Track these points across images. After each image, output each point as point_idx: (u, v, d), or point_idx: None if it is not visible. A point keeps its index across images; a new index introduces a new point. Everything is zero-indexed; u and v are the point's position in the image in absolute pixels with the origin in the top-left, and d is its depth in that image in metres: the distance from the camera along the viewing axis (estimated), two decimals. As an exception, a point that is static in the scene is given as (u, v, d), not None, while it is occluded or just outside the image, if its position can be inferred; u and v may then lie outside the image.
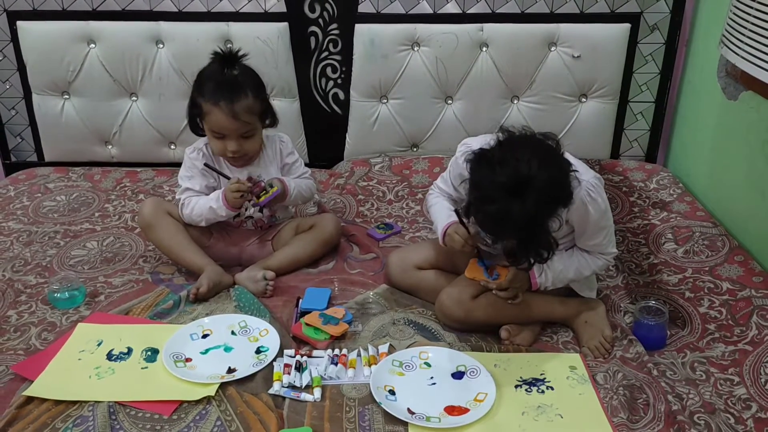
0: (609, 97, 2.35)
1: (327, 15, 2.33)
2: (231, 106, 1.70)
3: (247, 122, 1.74)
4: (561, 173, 1.41)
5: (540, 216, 1.36)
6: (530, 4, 2.28)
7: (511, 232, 1.40)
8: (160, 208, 1.84)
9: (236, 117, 1.71)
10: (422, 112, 2.39)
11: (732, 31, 1.70)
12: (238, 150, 1.76)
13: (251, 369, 1.45)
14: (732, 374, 1.45)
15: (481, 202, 1.39)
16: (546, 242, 1.43)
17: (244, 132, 1.75)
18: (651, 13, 2.27)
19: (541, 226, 1.39)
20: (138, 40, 2.33)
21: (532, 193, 1.31)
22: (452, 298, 1.60)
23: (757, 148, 1.84)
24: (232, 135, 1.74)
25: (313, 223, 1.91)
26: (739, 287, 1.68)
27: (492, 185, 1.35)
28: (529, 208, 1.32)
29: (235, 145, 1.75)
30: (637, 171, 2.30)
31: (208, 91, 1.73)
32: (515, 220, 1.33)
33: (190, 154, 1.86)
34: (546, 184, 1.33)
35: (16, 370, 1.46)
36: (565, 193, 1.41)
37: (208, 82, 1.75)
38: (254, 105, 1.75)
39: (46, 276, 1.84)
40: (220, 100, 1.71)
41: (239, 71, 1.77)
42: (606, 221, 1.56)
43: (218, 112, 1.71)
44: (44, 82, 2.40)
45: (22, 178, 2.42)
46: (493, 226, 1.42)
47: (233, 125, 1.72)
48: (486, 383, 1.41)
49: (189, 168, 1.86)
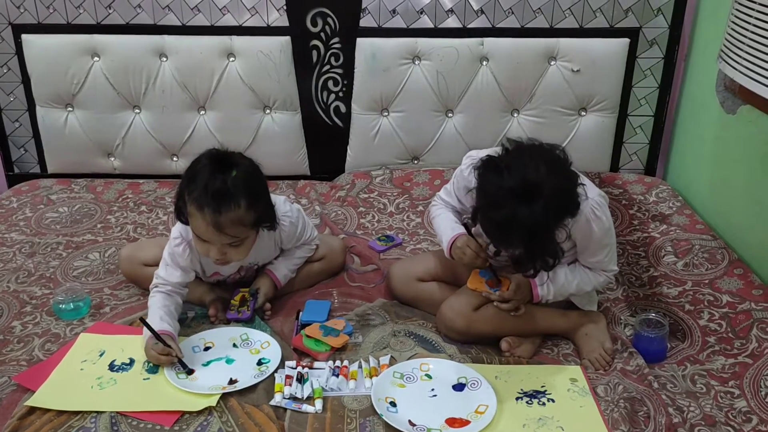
0: (608, 111, 2.37)
1: (329, 29, 2.35)
2: (216, 217, 1.47)
3: (233, 236, 1.52)
4: (569, 182, 1.41)
5: (548, 223, 1.35)
6: (530, 19, 2.31)
7: (518, 239, 1.37)
8: (134, 264, 1.79)
9: (220, 230, 1.48)
10: (423, 125, 2.41)
11: (730, 46, 1.72)
12: (222, 258, 1.56)
13: (253, 380, 1.46)
14: (732, 387, 1.46)
15: (489, 208, 1.38)
16: (552, 250, 1.42)
17: (231, 242, 1.54)
18: (650, 29, 2.30)
19: (549, 234, 1.38)
20: (141, 54, 2.36)
21: (540, 199, 1.30)
22: (454, 310, 1.61)
23: (755, 161, 1.85)
24: (215, 243, 1.53)
25: (324, 255, 1.86)
26: (739, 300, 1.69)
27: (500, 191, 1.34)
28: (538, 214, 1.30)
29: (218, 253, 1.54)
30: (636, 184, 2.32)
31: (195, 190, 1.49)
32: (523, 226, 1.32)
33: (175, 245, 1.63)
34: (554, 190, 1.32)
35: (18, 380, 1.46)
36: (573, 202, 1.41)
37: (198, 179, 1.50)
38: (245, 216, 1.51)
39: (51, 287, 1.85)
40: (205, 207, 1.47)
41: (236, 174, 1.51)
42: (609, 239, 1.56)
43: (201, 220, 1.49)
44: (48, 94, 2.42)
45: (25, 189, 2.43)
46: (499, 233, 1.40)
47: (216, 237, 1.51)
48: (487, 395, 1.42)
49: (170, 255, 1.64)
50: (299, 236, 1.76)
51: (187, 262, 1.64)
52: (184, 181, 1.54)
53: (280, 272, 1.76)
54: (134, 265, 1.80)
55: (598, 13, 2.28)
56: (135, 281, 1.84)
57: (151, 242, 1.95)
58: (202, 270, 1.72)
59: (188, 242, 1.63)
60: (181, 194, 1.55)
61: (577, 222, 1.47)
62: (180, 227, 1.64)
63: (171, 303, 1.61)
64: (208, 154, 1.56)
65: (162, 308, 1.58)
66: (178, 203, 1.57)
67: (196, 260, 1.67)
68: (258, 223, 1.58)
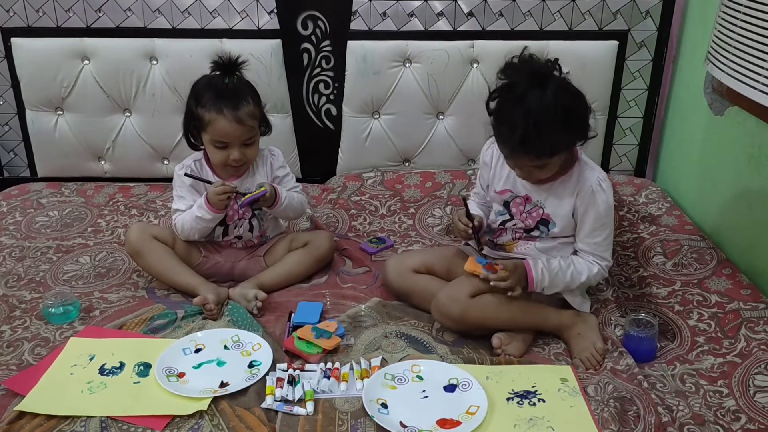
0: (598, 113, 2.38)
1: (319, 32, 2.36)
2: (235, 113, 1.72)
3: (252, 127, 1.75)
4: (581, 96, 1.53)
5: (555, 111, 1.44)
6: (520, 22, 2.32)
7: (526, 117, 1.45)
8: (145, 234, 1.83)
9: (241, 122, 1.72)
10: (414, 127, 2.42)
11: (717, 49, 1.73)
12: (241, 158, 1.77)
13: (244, 383, 1.46)
14: (721, 386, 1.47)
15: (504, 91, 1.51)
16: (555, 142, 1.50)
17: (247, 138, 1.76)
18: (638, 31, 2.31)
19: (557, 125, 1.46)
20: (132, 57, 2.35)
21: (552, 85, 1.45)
22: (449, 295, 1.62)
23: (743, 162, 1.87)
24: (235, 142, 1.75)
25: (308, 240, 1.92)
26: (728, 300, 1.70)
27: (517, 74, 1.49)
28: (548, 98, 1.44)
29: (238, 153, 1.76)
30: (626, 185, 2.33)
31: (209, 100, 1.73)
32: (533, 104, 1.44)
33: (178, 170, 1.85)
34: (565, 86, 1.49)
35: (7, 385, 1.46)
36: (582, 120, 1.52)
37: (207, 91, 1.75)
38: (255, 110, 1.77)
39: (41, 291, 1.84)
40: (224, 108, 1.71)
41: (237, 77, 1.78)
42: (609, 220, 1.63)
43: (223, 120, 1.72)
44: (38, 98, 2.42)
45: (14, 193, 2.42)
46: (509, 109, 1.50)
47: (238, 131, 1.73)
48: (478, 396, 1.42)
49: (178, 187, 1.85)
50: (287, 171, 1.94)
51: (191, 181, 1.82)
52: (191, 100, 1.77)
53: (279, 188, 1.84)
54: (145, 235, 1.83)
55: (587, 16, 2.30)
56: (139, 253, 1.82)
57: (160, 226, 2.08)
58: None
59: (188, 165, 1.84)
60: (191, 114, 1.77)
61: (582, 190, 1.60)
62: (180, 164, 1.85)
63: None
64: (207, 75, 1.79)
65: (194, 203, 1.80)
66: (188, 125, 1.80)
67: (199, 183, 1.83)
68: (262, 120, 1.82)
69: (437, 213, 2.26)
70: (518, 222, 1.71)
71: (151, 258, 1.81)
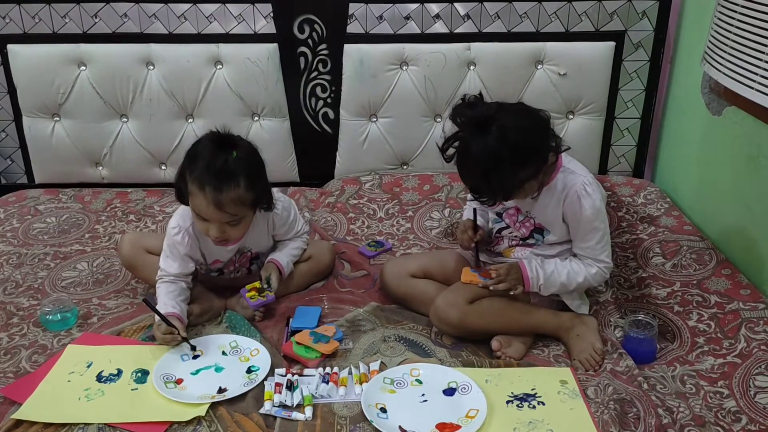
0: (596, 114, 2.38)
1: (316, 36, 2.35)
2: (217, 195, 1.52)
3: (233, 214, 1.57)
4: (533, 124, 1.51)
5: (500, 155, 1.43)
6: (516, 24, 2.32)
7: (472, 167, 1.49)
8: (137, 247, 1.78)
9: (221, 208, 1.54)
10: (411, 130, 2.41)
11: (714, 48, 1.73)
12: (221, 237, 1.61)
13: (242, 388, 1.45)
14: (721, 387, 1.46)
15: (452, 141, 1.52)
16: (508, 187, 1.50)
17: (229, 221, 1.59)
18: (635, 32, 2.31)
19: (504, 167, 1.45)
20: (128, 62, 2.35)
21: (494, 130, 1.44)
22: (448, 301, 1.62)
23: (741, 162, 1.86)
24: (214, 221, 1.58)
25: (311, 255, 1.88)
26: (727, 300, 1.70)
27: (462, 121, 1.51)
28: (490, 144, 1.43)
29: (217, 231, 1.59)
30: (624, 186, 2.33)
31: (197, 169, 1.55)
32: (475, 154, 1.46)
33: (173, 235, 1.68)
34: (511, 126, 1.45)
35: (4, 393, 1.45)
36: (539, 143, 1.50)
37: (201, 158, 1.56)
38: (245, 196, 1.56)
39: (39, 298, 1.84)
40: (206, 186, 1.53)
41: (236, 155, 1.56)
42: (600, 223, 1.60)
43: (201, 198, 1.54)
44: (35, 104, 2.41)
45: (12, 200, 2.42)
46: (459, 159, 1.52)
47: (216, 215, 1.56)
48: (477, 399, 1.41)
49: (169, 246, 1.69)
50: (291, 225, 1.81)
51: (187, 250, 1.68)
52: (185, 161, 1.60)
53: (282, 260, 1.78)
54: (137, 249, 1.78)
55: (583, 17, 2.30)
56: (134, 267, 1.81)
57: (154, 234, 2.00)
58: (203, 258, 1.74)
59: (186, 230, 1.68)
60: (182, 174, 1.60)
61: (567, 197, 1.58)
62: (177, 217, 1.69)
63: (175, 288, 1.66)
64: (210, 135, 1.61)
65: (166, 294, 1.64)
66: (179, 183, 1.62)
67: (196, 247, 1.71)
68: (256, 203, 1.64)
69: (435, 216, 2.25)
70: (513, 230, 1.71)
71: (145, 272, 1.77)
